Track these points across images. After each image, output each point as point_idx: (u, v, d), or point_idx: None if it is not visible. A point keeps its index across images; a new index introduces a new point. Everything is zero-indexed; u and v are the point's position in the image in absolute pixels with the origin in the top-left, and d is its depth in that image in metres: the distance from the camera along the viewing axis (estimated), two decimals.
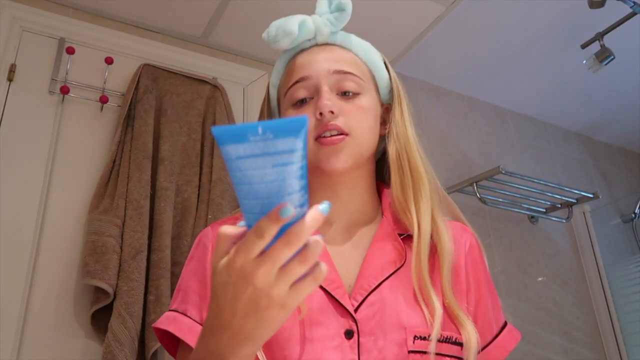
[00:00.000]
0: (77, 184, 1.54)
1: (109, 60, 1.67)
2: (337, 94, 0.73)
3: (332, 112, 0.70)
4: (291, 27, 0.73)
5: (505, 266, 2.20)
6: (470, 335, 0.64)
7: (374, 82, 0.79)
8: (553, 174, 2.57)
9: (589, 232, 2.44)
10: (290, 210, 0.41)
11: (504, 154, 2.47)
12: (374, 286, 0.67)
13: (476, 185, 2.06)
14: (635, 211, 2.61)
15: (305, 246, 0.43)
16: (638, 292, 2.24)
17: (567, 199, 2.27)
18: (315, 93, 0.73)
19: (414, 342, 0.63)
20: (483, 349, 0.70)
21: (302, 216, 0.42)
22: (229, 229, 0.45)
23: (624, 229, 2.66)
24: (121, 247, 1.41)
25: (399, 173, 0.74)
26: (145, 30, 1.84)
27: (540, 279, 2.29)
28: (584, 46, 2.02)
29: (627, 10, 1.82)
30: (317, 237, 0.44)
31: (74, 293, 1.42)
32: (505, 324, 0.74)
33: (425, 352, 0.62)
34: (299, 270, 0.43)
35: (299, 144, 0.39)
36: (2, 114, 1.50)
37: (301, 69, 0.75)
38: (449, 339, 0.65)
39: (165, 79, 1.73)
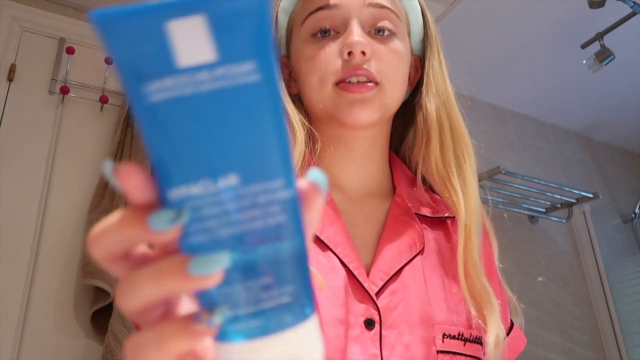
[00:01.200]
0: (77, 184, 1.54)
1: (109, 61, 1.67)
2: (369, 32, 0.60)
3: (363, 53, 0.57)
4: None
5: (505, 266, 2.19)
6: (498, 332, 0.55)
7: (408, 24, 0.66)
8: (553, 174, 2.57)
9: (589, 232, 2.44)
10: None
11: (504, 154, 2.47)
12: (395, 270, 0.56)
13: None
14: (635, 211, 2.61)
15: None
16: (638, 292, 2.24)
17: (567, 199, 2.27)
18: (343, 27, 0.59)
19: (442, 341, 0.54)
20: None
21: (292, 205, 0.24)
22: None
23: (624, 229, 2.66)
24: None
25: (440, 135, 0.62)
26: None
27: (540, 279, 2.29)
28: (584, 46, 2.02)
29: (627, 10, 1.82)
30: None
31: (74, 293, 1.42)
32: (512, 324, 0.67)
33: (456, 353, 0.53)
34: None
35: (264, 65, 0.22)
36: (2, 114, 1.51)
37: None
38: (478, 339, 0.56)
39: None
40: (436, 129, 0.62)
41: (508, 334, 0.64)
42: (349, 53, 0.57)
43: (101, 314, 1.37)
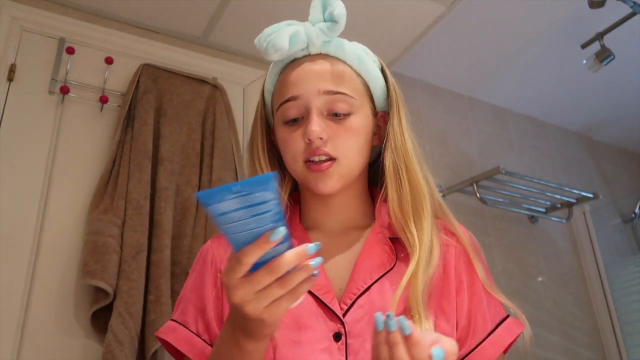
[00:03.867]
0: (77, 184, 1.54)
1: (109, 60, 1.67)
2: (327, 115, 0.72)
3: (320, 139, 0.70)
4: (281, 42, 0.72)
5: (505, 266, 2.20)
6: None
7: (368, 92, 0.78)
8: (553, 174, 2.57)
9: (589, 232, 2.44)
10: (280, 233, 0.49)
11: (504, 154, 2.47)
12: (362, 289, 0.68)
13: (476, 185, 2.06)
14: (635, 211, 2.61)
15: (289, 272, 0.51)
16: (638, 292, 2.24)
17: (567, 199, 2.27)
18: (306, 113, 0.72)
19: None
20: (475, 347, 0.69)
21: (284, 250, 0.51)
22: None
23: (624, 229, 2.66)
24: (121, 247, 1.41)
25: (397, 187, 0.73)
26: (145, 30, 1.84)
27: (540, 279, 2.29)
28: (584, 46, 2.02)
29: (627, 10, 1.82)
30: (309, 264, 0.52)
31: (74, 293, 1.42)
32: (505, 318, 0.73)
33: None
34: (276, 292, 0.51)
35: (269, 195, 0.47)
36: (2, 114, 1.50)
37: (292, 87, 0.73)
38: None
39: (165, 79, 1.73)
40: (393, 183, 0.74)
41: (494, 330, 0.71)
42: (308, 140, 0.71)
43: (101, 314, 1.37)
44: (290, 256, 0.50)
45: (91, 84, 1.65)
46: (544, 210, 2.34)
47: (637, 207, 2.61)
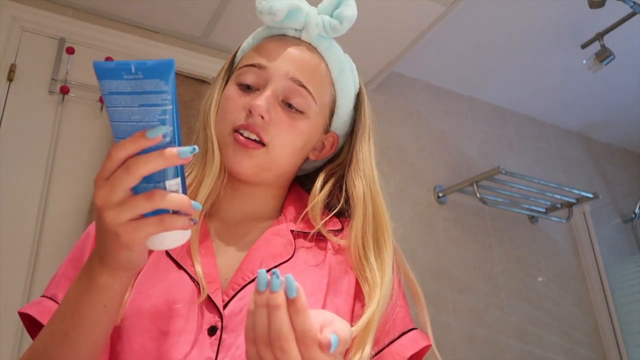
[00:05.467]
0: (77, 184, 1.54)
1: (109, 60, 1.67)
2: (281, 101, 0.67)
3: (262, 117, 0.65)
4: (278, 8, 0.68)
5: (505, 266, 2.20)
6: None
7: (332, 107, 0.73)
8: (553, 174, 2.57)
9: (589, 232, 2.44)
10: (161, 130, 0.43)
11: (504, 154, 2.47)
12: (248, 280, 0.62)
13: (476, 185, 2.06)
14: (635, 211, 2.61)
15: (159, 189, 0.45)
16: (638, 292, 2.24)
17: (567, 199, 2.27)
18: (262, 87, 0.67)
19: None
20: (377, 354, 0.63)
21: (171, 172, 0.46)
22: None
23: (624, 229, 2.66)
24: None
25: (363, 214, 0.67)
26: (145, 30, 1.84)
27: (540, 279, 2.29)
28: (584, 46, 2.02)
29: (627, 10, 1.82)
30: (180, 193, 0.46)
31: None
32: (410, 330, 0.67)
33: None
34: (142, 205, 0.44)
35: (164, 86, 0.42)
36: (2, 114, 1.51)
37: (264, 56, 0.69)
38: None
39: None
40: (361, 210, 0.68)
41: (396, 340, 0.65)
42: (250, 111, 0.65)
43: None
44: (157, 155, 0.44)
45: (91, 84, 1.65)
46: (544, 210, 2.34)
47: (637, 207, 2.61)
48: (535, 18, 2.00)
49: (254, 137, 0.65)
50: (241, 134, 0.65)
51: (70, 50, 1.63)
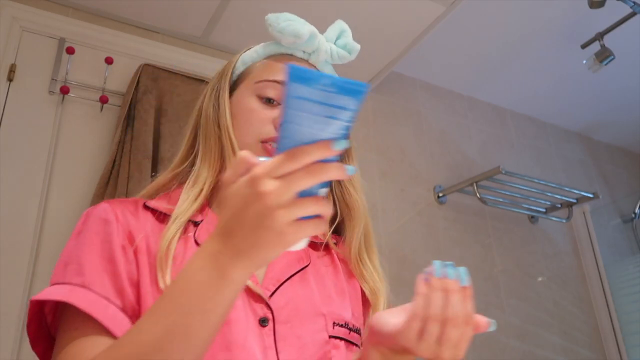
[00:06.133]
0: (77, 184, 1.54)
1: (109, 60, 1.67)
2: None
3: None
4: (303, 32, 0.73)
5: (505, 266, 2.20)
6: None
7: None
8: (553, 174, 2.57)
9: (589, 232, 2.44)
10: (345, 145, 0.45)
11: (504, 154, 2.47)
12: (285, 278, 0.69)
13: (476, 185, 2.06)
14: (635, 211, 2.61)
15: (322, 195, 0.48)
16: (638, 292, 2.24)
17: (567, 199, 2.27)
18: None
19: (333, 328, 0.67)
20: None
21: (326, 186, 0.48)
22: (251, 155, 0.48)
23: (624, 229, 2.66)
24: None
25: (364, 225, 0.77)
26: (145, 30, 1.84)
27: (540, 279, 2.29)
28: (584, 46, 2.02)
29: (627, 10, 1.82)
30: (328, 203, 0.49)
31: None
32: None
33: (342, 339, 0.67)
34: (309, 208, 0.46)
35: (354, 104, 0.43)
36: (2, 114, 1.51)
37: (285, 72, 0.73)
38: (358, 329, 0.71)
39: (165, 79, 1.73)
40: (362, 220, 0.77)
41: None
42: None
43: None
44: (338, 165, 0.46)
45: (91, 84, 1.65)
46: (544, 210, 2.34)
47: (637, 207, 2.61)
48: (535, 18, 2.00)
49: None
50: (270, 145, 0.71)
51: (70, 50, 1.63)
